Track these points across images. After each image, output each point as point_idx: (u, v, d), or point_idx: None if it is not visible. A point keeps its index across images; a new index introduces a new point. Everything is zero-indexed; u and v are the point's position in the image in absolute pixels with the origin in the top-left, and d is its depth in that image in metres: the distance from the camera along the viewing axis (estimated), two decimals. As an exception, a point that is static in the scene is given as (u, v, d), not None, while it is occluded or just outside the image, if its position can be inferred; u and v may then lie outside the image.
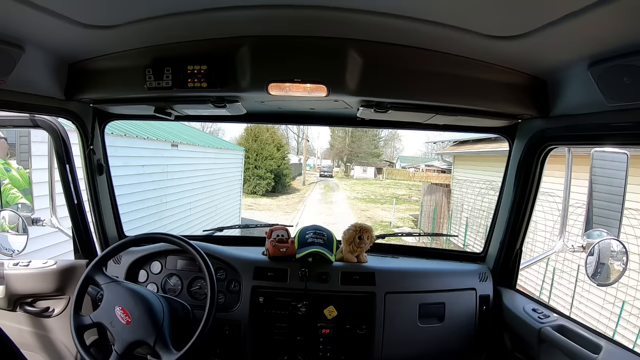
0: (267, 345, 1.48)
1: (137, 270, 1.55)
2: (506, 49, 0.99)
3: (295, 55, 1.08)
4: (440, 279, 1.54)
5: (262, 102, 1.30)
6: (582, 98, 1.03)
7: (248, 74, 1.10)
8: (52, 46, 1.07)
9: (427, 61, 1.09)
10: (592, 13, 0.70)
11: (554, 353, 1.19)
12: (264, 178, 17.69)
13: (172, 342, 1.19)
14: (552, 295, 5.15)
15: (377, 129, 19.04)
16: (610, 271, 1.30)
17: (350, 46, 1.06)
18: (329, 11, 0.89)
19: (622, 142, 1.06)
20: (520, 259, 1.52)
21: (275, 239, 1.54)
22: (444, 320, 1.48)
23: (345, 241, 1.57)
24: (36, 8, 0.80)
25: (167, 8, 0.88)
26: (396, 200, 15.11)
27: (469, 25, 0.89)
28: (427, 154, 37.83)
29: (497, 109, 1.21)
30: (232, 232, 2.33)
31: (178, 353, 1.16)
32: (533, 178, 1.40)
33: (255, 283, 1.47)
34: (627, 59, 0.81)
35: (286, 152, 21.34)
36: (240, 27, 1.02)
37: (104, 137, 1.58)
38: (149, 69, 1.11)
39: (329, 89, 1.09)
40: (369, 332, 1.46)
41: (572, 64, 0.99)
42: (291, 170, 22.07)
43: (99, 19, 0.92)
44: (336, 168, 39.75)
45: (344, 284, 1.47)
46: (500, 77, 1.14)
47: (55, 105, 1.30)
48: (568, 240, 1.56)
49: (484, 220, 7.37)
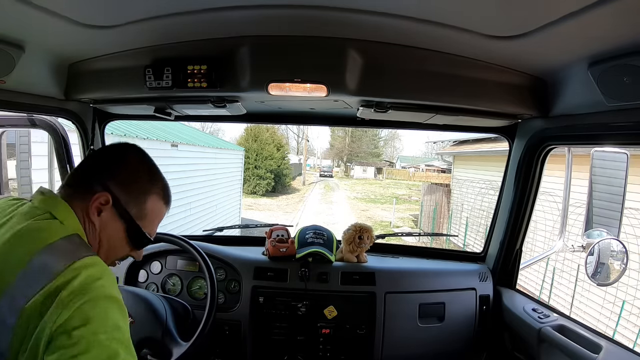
0: (267, 345, 1.48)
1: (137, 271, 1.55)
2: (506, 49, 0.98)
3: (295, 55, 1.08)
4: (440, 278, 1.54)
5: (262, 102, 1.30)
6: (582, 98, 1.03)
7: (248, 74, 1.10)
8: (52, 46, 1.07)
9: (427, 61, 1.09)
10: (592, 13, 0.70)
11: (554, 353, 1.20)
12: (264, 178, 17.70)
13: (178, 335, 1.20)
14: (552, 295, 5.15)
15: (377, 129, 19.06)
16: (610, 271, 1.30)
17: (350, 46, 1.06)
18: (329, 11, 0.89)
19: (622, 142, 1.06)
20: (520, 259, 1.52)
21: (275, 239, 1.54)
22: (444, 320, 1.48)
23: (345, 241, 1.57)
24: (36, 8, 0.79)
25: (167, 8, 0.88)
26: (396, 200, 15.12)
27: (469, 26, 0.89)
28: (427, 154, 37.87)
29: (497, 109, 1.21)
30: (232, 232, 2.33)
31: (187, 344, 1.18)
32: (533, 178, 1.40)
33: (255, 283, 1.47)
34: (627, 59, 0.81)
35: (286, 152, 21.35)
36: (240, 27, 1.02)
37: (104, 137, 1.58)
38: (149, 69, 1.11)
39: (329, 89, 1.09)
40: (369, 332, 1.46)
41: (572, 64, 0.99)
42: (291, 170, 22.07)
43: (99, 19, 0.91)
44: (336, 168, 39.76)
45: (344, 284, 1.47)
46: (500, 77, 1.13)
47: (55, 105, 1.30)
48: (568, 240, 1.56)
49: (484, 220, 7.37)
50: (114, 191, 0.77)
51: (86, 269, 0.64)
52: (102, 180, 0.78)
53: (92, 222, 0.76)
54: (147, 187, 0.83)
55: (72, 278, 0.62)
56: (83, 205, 0.76)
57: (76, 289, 0.61)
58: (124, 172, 0.81)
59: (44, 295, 0.60)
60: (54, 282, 0.61)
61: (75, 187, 0.79)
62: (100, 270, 0.67)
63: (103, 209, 0.76)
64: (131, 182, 0.80)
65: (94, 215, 0.76)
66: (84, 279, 0.63)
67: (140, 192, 0.81)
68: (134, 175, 0.82)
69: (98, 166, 0.82)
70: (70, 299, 0.60)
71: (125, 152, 0.84)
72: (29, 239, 0.66)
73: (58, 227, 0.70)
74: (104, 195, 0.76)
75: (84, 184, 0.78)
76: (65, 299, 0.60)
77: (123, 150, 0.84)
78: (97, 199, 0.76)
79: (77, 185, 0.79)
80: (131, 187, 0.80)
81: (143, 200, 0.81)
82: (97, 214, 0.76)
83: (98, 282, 0.64)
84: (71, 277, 0.62)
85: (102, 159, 0.84)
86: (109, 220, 0.78)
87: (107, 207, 0.77)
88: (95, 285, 0.63)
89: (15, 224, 0.68)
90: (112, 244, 0.80)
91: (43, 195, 0.75)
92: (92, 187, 0.77)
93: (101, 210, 0.76)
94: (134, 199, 0.80)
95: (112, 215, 0.78)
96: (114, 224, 0.79)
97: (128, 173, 0.81)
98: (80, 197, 0.76)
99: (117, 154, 0.84)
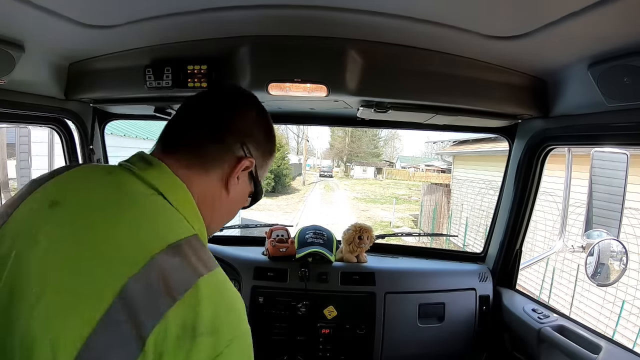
0: (266, 345, 1.48)
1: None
2: (506, 49, 0.99)
3: (295, 55, 1.08)
4: (440, 279, 1.54)
5: (262, 102, 1.29)
6: (582, 98, 1.03)
7: (248, 74, 1.10)
8: (52, 46, 1.07)
9: (427, 61, 1.09)
10: (592, 13, 0.70)
11: (554, 353, 1.20)
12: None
13: None
14: (552, 295, 5.15)
15: (377, 129, 19.06)
16: (610, 271, 1.30)
17: (350, 46, 1.06)
18: (329, 11, 0.89)
19: (622, 142, 1.06)
20: (520, 259, 1.52)
21: (275, 239, 1.54)
22: (444, 320, 1.48)
23: (345, 241, 1.57)
24: (36, 8, 0.79)
25: (167, 8, 0.88)
26: (396, 200, 15.12)
27: (468, 26, 0.89)
28: (427, 154, 37.87)
29: (497, 109, 1.21)
30: (232, 232, 2.32)
31: None
32: (533, 178, 1.40)
33: (255, 283, 1.47)
34: (627, 59, 0.81)
35: (286, 152, 21.36)
36: (240, 27, 1.02)
37: (103, 137, 1.58)
38: (148, 69, 1.11)
39: (329, 89, 1.09)
40: (368, 332, 1.46)
41: (572, 64, 0.99)
42: (291, 170, 22.07)
43: (99, 19, 0.91)
44: (336, 168, 39.77)
45: (343, 284, 1.47)
46: (500, 77, 1.13)
47: (55, 105, 1.30)
48: (568, 240, 1.56)
49: (483, 220, 7.37)
50: (255, 153, 0.66)
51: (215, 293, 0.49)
52: (243, 140, 0.64)
53: (227, 191, 0.64)
54: (271, 146, 0.72)
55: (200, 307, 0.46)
56: (216, 176, 0.62)
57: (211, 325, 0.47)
58: (257, 130, 0.68)
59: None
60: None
61: (198, 151, 0.62)
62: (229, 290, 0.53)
63: (241, 175, 0.65)
64: (264, 142, 0.69)
65: (233, 184, 0.64)
66: (216, 309, 0.48)
67: (268, 152, 0.71)
68: (264, 134, 0.70)
69: (232, 123, 0.65)
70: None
71: (253, 104, 0.71)
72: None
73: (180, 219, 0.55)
74: (248, 160, 0.64)
75: (219, 145, 0.63)
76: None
77: (251, 103, 0.71)
78: (241, 166, 0.63)
79: (201, 149, 0.62)
80: (264, 148, 0.69)
81: (268, 159, 0.72)
82: (238, 181, 0.64)
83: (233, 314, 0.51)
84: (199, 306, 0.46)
85: (232, 112, 0.66)
86: (241, 185, 0.66)
87: (245, 172, 0.65)
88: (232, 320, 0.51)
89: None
90: (236, 206, 0.70)
91: (151, 167, 0.59)
92: (231, 150, 0.63)
93: (239, 177, 0.64)
94: (265, 161, 0.71)
95: (247, 178, 0.67)
96: (245, 187, 0.68)
97: (260, 132, 0.69)
98: (213, 163, 0.62)
99: (246, 106, 0.69)
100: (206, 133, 0.63)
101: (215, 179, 0.62)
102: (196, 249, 0.51)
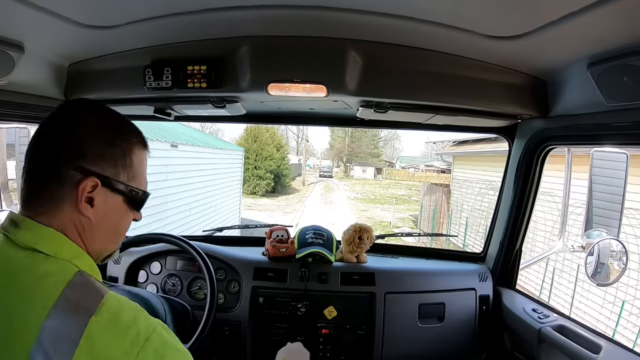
0: (267, 346, 1.47)
1: (136, 271, 1.55)
2: (506, 49, 0.99)
3: (295, 55, 1.08)
4: (440, 279, 1.54)
5: (262, 103, 1.30)
6: (582, 98, 1.03)
7: (248, 74, 1.10)
8: (52, 46, 1.07)
9: (427, 61, 1.09)
10: (592, 13, 0.70)
11: (554, 353, 1.19)
12: (263, 178, 17.70)
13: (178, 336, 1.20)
14: (552, 295, 5.15)
15: (376, 129, 19.06)
16: (610, 271, 1.30)
17: (350, 46, 1.06)
18: (329, 11, 0.89)
19: (622, 142, 1.06)
20: (520, 259, 1.52)
21: (275, 239, 1.54)
22: (444, 321, 1.48)
23: (345, 241, 1.57)
24: (36, 8, 0.79)
25: (167, 8, 0.88)
26: (396, 201, 15.13)
27: (468, 26, 0.89)
28: (426, 154, 37.83)
29: (497, 109, 1.21)
30: (232, 232, 2.32)
31: (187, 345, 1.17)
32: (533, 178, 1.40)
33: (255, 283, 1.47)
34: (627, 59, 0.81)
35: (286, 153, 21.37)
36: (240, 27, 1.02)
37: (103, 137, 1.57)
38: (148, 69, 1.11)
39: (329, 89, 1.09)
40: (368, 332, 1.46)
41: (571, 64, 0.99)
42: (291, 171, 22.08)
43: (99, 19, 0.92)
44: (336, 168, 39.78)
45: (343, 284, 1.47)
46: (500, 77, 1.14)
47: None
48: (568, 240, 1.56)
49: (483, 220, 7.37)
50: (94, 169, 0.61)
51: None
52: (73, 163, 0.60)
53: (87, 217, 0.61)
54: (126, 143, 0.66)
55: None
56: (67, 209, 0.60)
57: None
58: (93, 140, 0.62)
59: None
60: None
61: (42, 195, 0.60)
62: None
63: (94, 195, 0.61)
64: (107, 147, 0.63)
65: (87, 209, 0.60)
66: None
67: (122, 153, 0.65)
68: (106, 137, 0.63)
69: (57, 150, 0.61)
70: None
71: (79, 116, 0.64)
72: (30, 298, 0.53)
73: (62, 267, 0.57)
74: (88, 181, 0.60)
75: (53, 181, 0.60)
76: None
77: (75, 115, 0.64)
78: (83, 190, 0.59)
79: (43, 192, 0.60)
80: (110, 152, 0.63)
81: (129, 161, 0.66)
82: (90, 205, 0.61)
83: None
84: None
85: (56, 139, 0.62)
86: (104, 202, 0.62)
87: (97, 191, 0.61)
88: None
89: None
90: (114, 224, 0.67)
91: (18, 228, 0.58)
92: (66, 180, 0.59)
93: (92, 199, 0.61)
94: (120, 164, 0.64)
95: (105, 195, 0.62)
96: (110, 203, 0.64)
97: (98, 139, 0.62)
98: (58, 202, 0.60)
99: (71, 123, 0.63)
100: (40, 174, 0.61)
101: (70, 212, 0.60)
102: (78, 291, 0.55)
